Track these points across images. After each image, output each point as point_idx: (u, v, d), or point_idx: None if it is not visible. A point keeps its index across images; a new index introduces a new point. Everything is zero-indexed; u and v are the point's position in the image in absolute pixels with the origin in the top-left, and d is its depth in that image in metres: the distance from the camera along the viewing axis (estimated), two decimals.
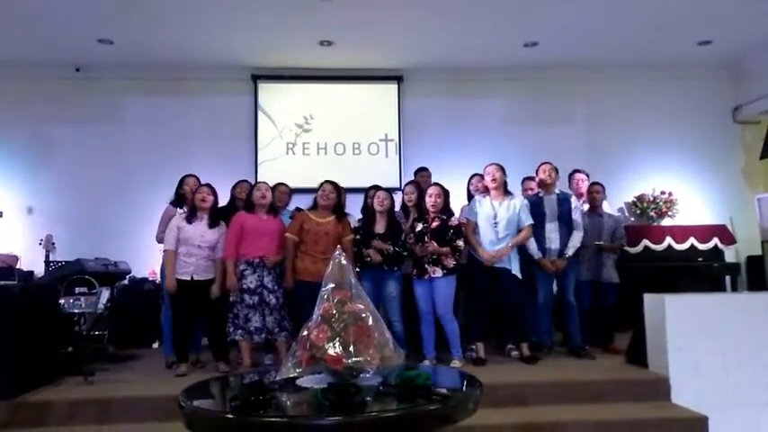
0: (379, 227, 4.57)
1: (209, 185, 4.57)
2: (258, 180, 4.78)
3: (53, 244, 6.27)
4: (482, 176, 4.80)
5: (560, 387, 3.88)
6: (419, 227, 4.55)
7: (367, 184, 5.37)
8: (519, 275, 4.56)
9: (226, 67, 6.97)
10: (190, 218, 4.44)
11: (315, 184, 4.77)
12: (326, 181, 4.65)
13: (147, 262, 6.26)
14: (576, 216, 4.82)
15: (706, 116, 7.30)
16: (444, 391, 2.08)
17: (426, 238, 4.47)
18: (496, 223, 4.53)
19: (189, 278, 4.38)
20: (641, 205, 7.04)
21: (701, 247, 6.41)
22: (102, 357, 4.87)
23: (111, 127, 6.99)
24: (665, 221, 6.96)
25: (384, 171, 7.01)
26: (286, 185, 5.25)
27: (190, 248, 4.39)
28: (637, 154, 7.24)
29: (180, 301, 4.39)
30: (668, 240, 6.38)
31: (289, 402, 2.04)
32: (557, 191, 4.91)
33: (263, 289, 4.35)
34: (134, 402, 3.68)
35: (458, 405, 2.02)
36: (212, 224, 4.46)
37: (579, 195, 5.27)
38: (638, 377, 4.05)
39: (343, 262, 2.32)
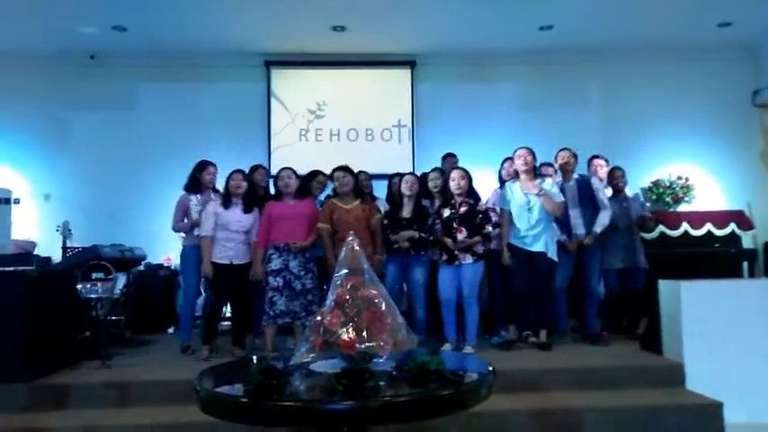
0: (406, 212, 4.57)
1: (241, 171, 4.66)
2: (281, 167, 4.79)
3: (70, 230, 6.35)
4: (513, 160, 4.75)
5: (574, 373, 3.88)
6: (446, 212, 4.52)
7: (380, 171, 5.37)
8: (556, 259, 4.53)
9: (239, 53, 6.97)
10: (226, 203, 4.51)
11: (328, 171, 4.77)
12: (336, 168, 4.69)
13: (162, 248, 6.33)
14: (601, 196, 4.75)
15: (724, 100, 7.17)
16: (457, 376, 2.08)
17: (455, 224, 4.45)
18: (530, 209, 4.48)
19: (228, 262, 4.46)
20: (657, 190, 6.97)
21: (718, 232, 6.32)
22: (120, 342, 4.94)
23: (126, 113, 7.05)
24: (682, 207, 6.89)
25: (397, 157, 7.00)
26: (323, 174, 5.21)
27: (229, 233, 4.47)
28: (653, 138, 7.14)
29: (218, 285, 4.48)
30: (684, 226, 6.30)
31: (302, 387, 2.05)
32: (575, 176, 4.86)
33: (290, 274, 4.39)
34: (151, 386, 3.73)
35: (470, 390, 2.02)
36: (246, 209, 4.54)
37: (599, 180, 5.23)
38: (653, 363, 4.04)
39: (356, 248, 2.33)
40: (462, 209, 4.49)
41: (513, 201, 4.56)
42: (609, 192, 5.15)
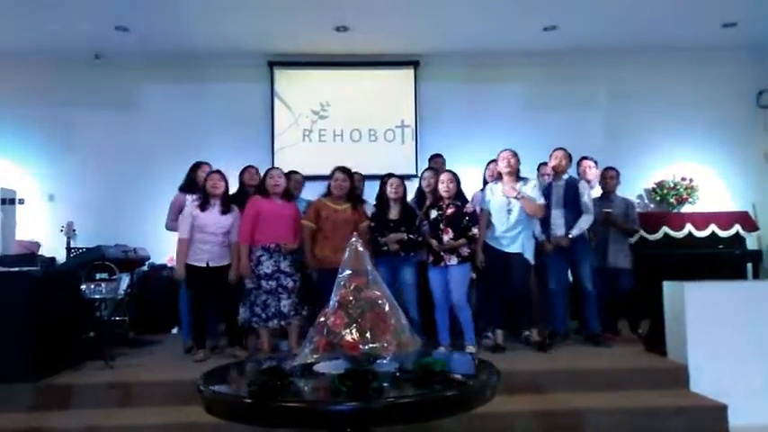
0: (393, 214, 4.57)
1: (219, 172, 4.57)
2: (272, 167, 4.76)
3: (74, 231, 6.35)
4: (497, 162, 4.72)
5: (578, 375, 3.87)
6: (434, 214, 4.53)
7: (383, 172, 5.33)
8: (532, 261, 4.53)
9: (242, 53, 6.96)
10: (203, 205, 4.45)
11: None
12: (338, 168, 4.63)
13: (165, 248, 6.31)
14: (586, 200, 4.73)
15: (729, 100, 7.14)
16: (461, 377, 2.08)
17: (442, 225, 4.45)
18: (509, 210, 4.48)
19: (204, 264, 4.40)
20: (661, 191, 6.95)
21: (723, 234, 6.31)
22: (123, 342, 4.96)
23: (130, 114, 7.06)
24: (686, 208, 6.87)
25: (400, 158, 7.01)
26: (299, 174, 5.25)
27: (205, 236, 4.40)
28: (658, 139, 7.12)
29: (196, 288, 4.43)
30: (688, 227, 6.29)
31: (306, 388, 2.05)
32: (566, 176, 4.85)
33: (280, 274, 4.38)
34: (154, 386, 3.74)
35: (475, 392, 2.02)
36: (225, 210, 4.48)
37: (586, 182, 5.23)
38: (657, 365, 4.02)
39: (360, 249, 2.33)
40: (449, 210, 4.49)
41: (492, 202, 4.57)
42: (598, 192, 5.15)
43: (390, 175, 4.80)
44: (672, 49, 6.99)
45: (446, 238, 4.41)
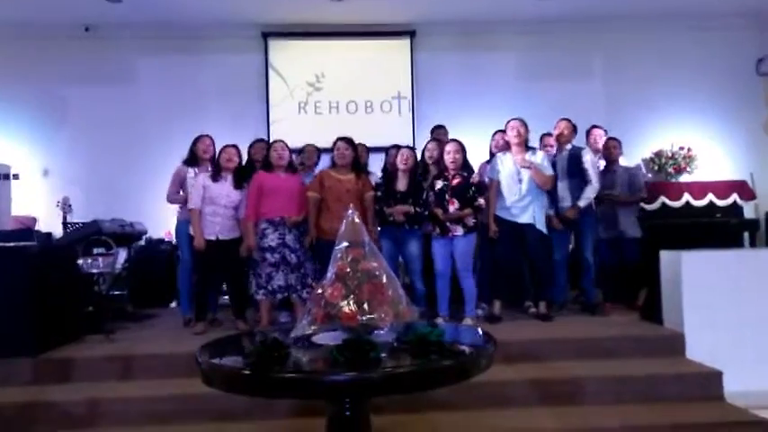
0: (401, 185, 4.54)
1: (234, 146, 4.57)
2: (274, 139, 4.74)
3: (70, 205, 6.34)
4: (505, 132, 4.66)
5: (575, 343, 3.89)
6: (439, 185, 4.49)
7: (380, 143, 5.32)
8: (545, 230, 4.52)
9: (236, 24, 6.87)
10: (215, 177, 4.45)
11: (327, 144, 4.73)
12: (339, 138, 4.60)
13: (162, 222, 6.31)
14: (588, 168, 4.67)
15: (728, 68, 7.09)
16: (458, 347, 2.09)
17: (447, 196, 4.42)
18: (520, 180, 4.46)
19: (214, 238, 4.40)
20: (659, 161, 6.93)
21: (720, 203, 6.29)
22: (122, 316, 4.97)
23: (123, 87, 6.98)
24: (684, 177, 6.85)
25: (397, 129, 6.95)
26: (313, 145, 5.26)
27: (216, 208, 4.41)
28: (655, 108, 7.08)
29: (204, 261, 4.43)
30: (686, 197, 6.27)
31: (304, 359, 2.06)
32: (569, 147, 4.82)
33: (285, 248, 4.38)
34: (153, 359, 3.77)
35: (471, 361, 2.03)
36: (237, 185, 4.48)
37: (596, 151, 5.18)
38: (654, 333, 4.05)
39: (357, 220, 2.32)
40: (455, 181, 4.46)
41: (502, 172, 4.53)
42: (602, 163, 5.12)
43: (398, 147, 4.76)
44: (669, 16, 6.91)
45: (452, 208, 4.39)
